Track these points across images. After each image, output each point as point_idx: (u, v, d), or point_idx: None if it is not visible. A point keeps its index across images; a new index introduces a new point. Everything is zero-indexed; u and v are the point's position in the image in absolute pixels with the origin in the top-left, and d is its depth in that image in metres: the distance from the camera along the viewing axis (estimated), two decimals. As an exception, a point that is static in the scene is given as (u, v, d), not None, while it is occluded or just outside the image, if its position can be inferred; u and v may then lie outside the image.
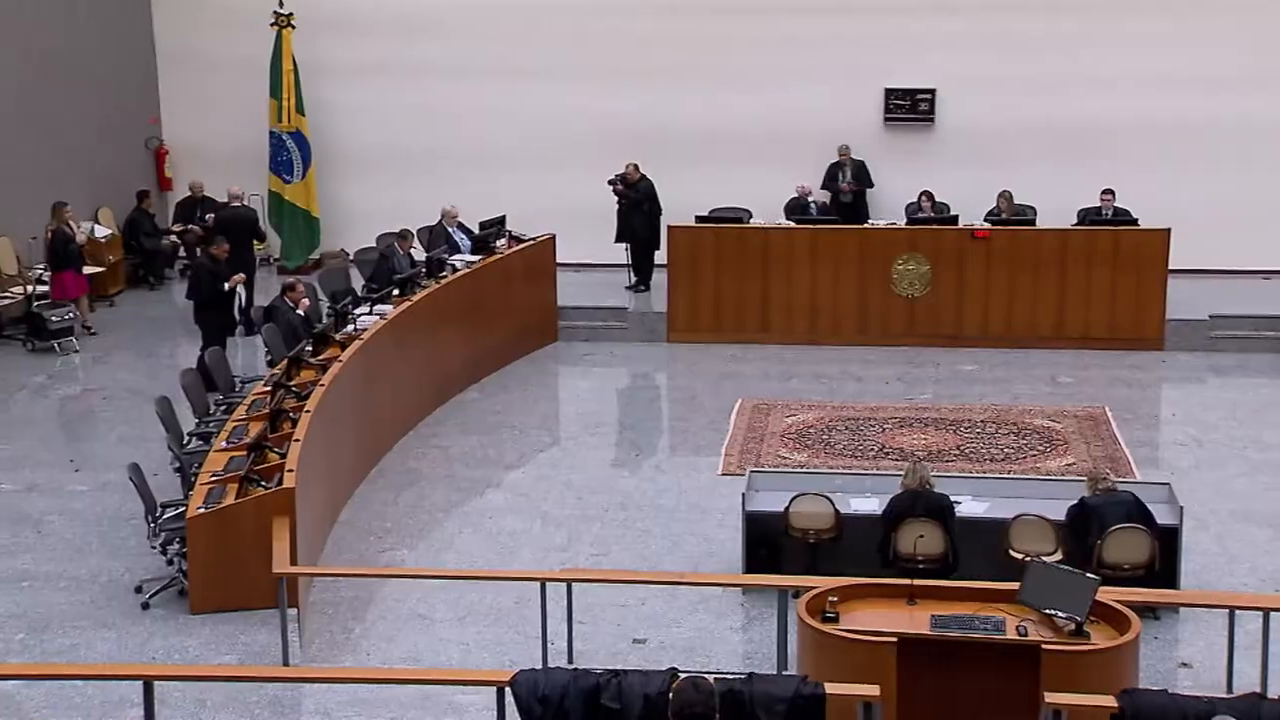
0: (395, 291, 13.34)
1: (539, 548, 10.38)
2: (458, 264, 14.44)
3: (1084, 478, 9.48)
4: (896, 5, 16.48)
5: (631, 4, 17.07)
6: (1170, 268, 14.48)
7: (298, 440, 9.79)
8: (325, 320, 12.83)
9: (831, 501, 9.50)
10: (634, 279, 16.31)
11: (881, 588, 7.94)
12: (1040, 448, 12.06)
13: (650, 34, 16.97)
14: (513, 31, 17.30)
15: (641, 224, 16.10)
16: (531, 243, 15.36)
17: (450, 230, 15.32)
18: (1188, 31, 15.96)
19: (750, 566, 9.56)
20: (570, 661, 8.40)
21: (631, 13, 17.03)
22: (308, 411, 10.30)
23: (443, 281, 13.87)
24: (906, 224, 15.35)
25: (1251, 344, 14.47)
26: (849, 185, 16.41)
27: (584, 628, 8.91)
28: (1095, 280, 14.59)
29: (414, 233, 15.05)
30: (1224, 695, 6.85)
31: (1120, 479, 9.92)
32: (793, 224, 15.54)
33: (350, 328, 12.39)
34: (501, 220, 15.41)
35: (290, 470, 9.38)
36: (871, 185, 16.56)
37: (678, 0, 16.95)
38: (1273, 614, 8.07)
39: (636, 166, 16.11)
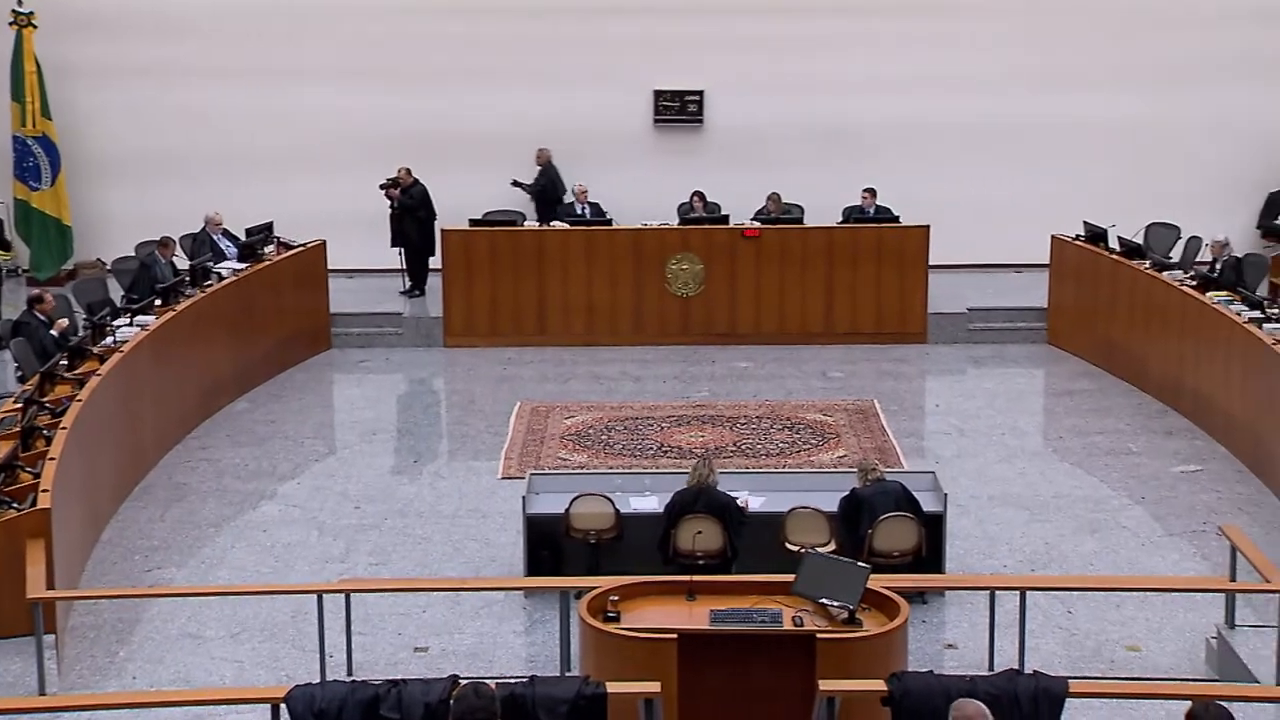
0: (157, 301, 12.85)
1: (316, 559, 10.15)
2: (224, 272, 14.00)
3: (854, 469, 9.74)
4: (664, 7, 16.67)
5: (401, 5, 16.83)
6: (930, 263, 15.02)
7: (53, 459, 9.33)
8: (81, 333, 12.25)
9: (612, 501, 9.55)
10: (409, 284, 16.09)
11: (662, 585, 8.01)
12: (813, 441, 12.37)
13: (421, 36, 16.76)
14: (278, 32, 16.84)
15: (415, 228, 15.90)
16: (301, 249, 15.01)
17: (215, 237, 14.83)
18: (943, 34, 16.57)
19: (532, 569, 9.54)
20: (350, 674, 8.24)
21: (402, 14, 16.78)
22: (64, 428, 9.82)
23: (208, 290, 13.43)
24: (679, 224, 15.55)
25: (1007, 335, 15.12)
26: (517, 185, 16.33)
27: (364, 638, 8.75)
28: (861, 276, 15.04)
29: (176, 240, 14.52)
30: (985, 673, 7.13)
31: (888, 469, 10.26)
32: (566, 225, 15.58)
33: (109, 340, 11.87)
34: (269, 226, 15.00)
35: (45, 490, 8.93)
36: (565, 190, 16.56)
37: (448, 2, 16.79)
38: (1029, 593, 8.48)
39: (409, 170, 15.90)
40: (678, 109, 16.95)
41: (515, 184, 16.16)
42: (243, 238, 14.80)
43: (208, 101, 16.81)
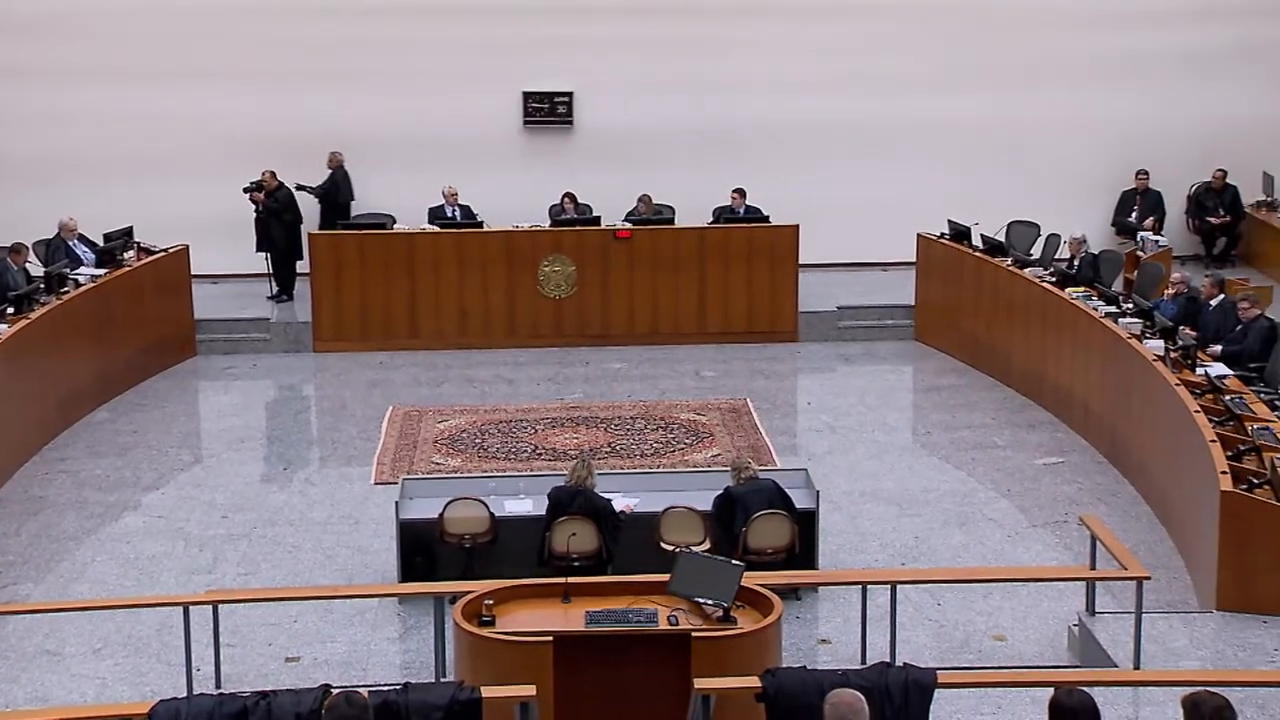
0: (10, 309, 12.45)
1: (182, 571, 9.91)
2: (81, 278, 13.61)
3: (728, 468, 9.80)
4: (533, 8, 16.62)
5: (265, 6, 16.52)
6: (800, 262, 15.19)
7: (-100, 474, 8.98)
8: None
9: (486, 505, 9.48)
10: (276, 289, 15.82)
11: (537, 588, 7.97)
12: (687, 441, 12.42)
13: (286, 38, 16.46)
14: (134, 32, 16.39)
15: (281, 233, 15.64)
16: (163, 254, 14.67)
17: (70, 243, 14.41)
18: (811, 37, 16.76)
19: (406, 575, 9.43)
20: (218, 687, 8.06)
21: (266, 15, 16.47)
22: (-88, 442, 9.47)
23: (65, 297, 13.05)
24: (551, 226, 15.51)
25: (876, 333, 15.36)
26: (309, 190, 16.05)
27: (232, 650, 8.57)
28: (732, 276, 15.16)
29: (28, 246, 14.07)
30: (857, 666, 7.22)
31: (762, 467, 10.34)
32: (437, 228, 15.44)
33: (-40, 349, 11.47)
34: (128, 231, 14.63)
35: (-108, 507, 8.59)
36: (353, 197, 16.38)
37: (314, 3, 16.52)
38: (900, 586, 8.61)
39: (274, 174, 15.63)
40: (547, 110, 16.90)
41: (300, 187, 15.76)
42: (100, 243, 14.41)
43: (62, 104, 16.32)
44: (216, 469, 11.89)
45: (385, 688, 6.63)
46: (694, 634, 7.40)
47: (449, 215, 15.94)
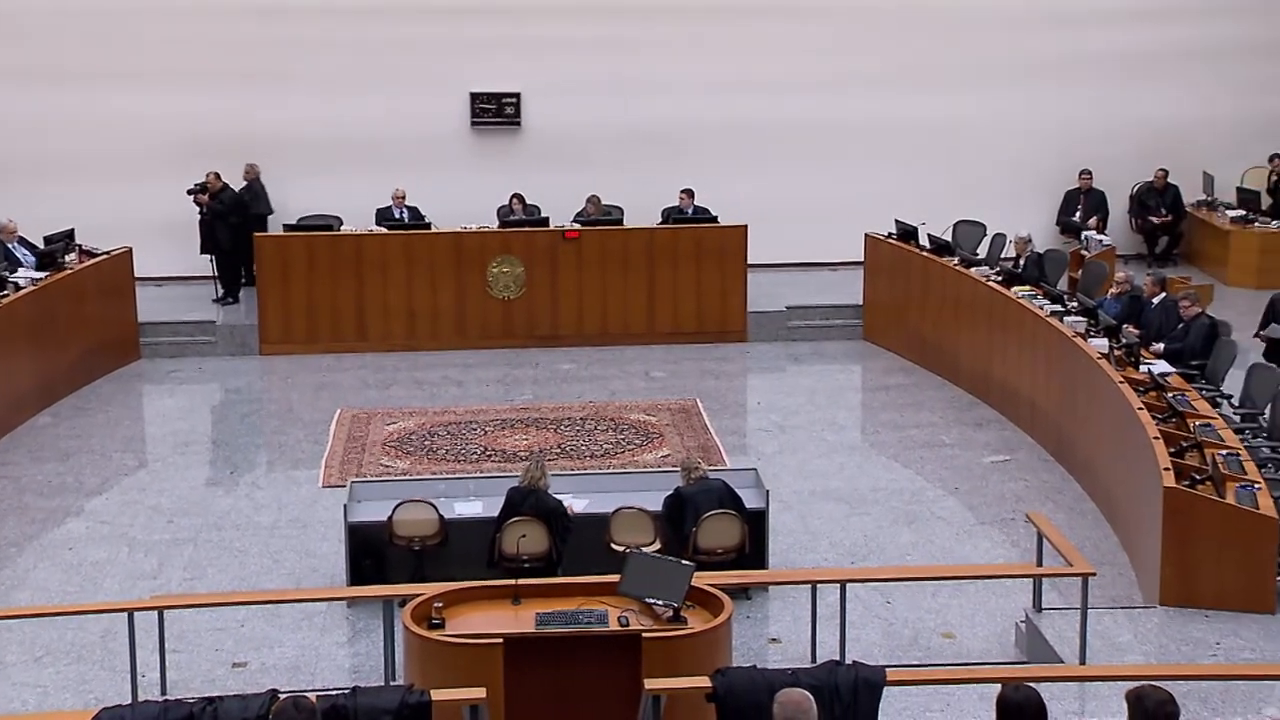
0: (-50, 312, 12.27)
1: (126, 576, 9.80)
2: (21, 281, 13.42)
3: (678, 468, 9.80)
4: (481, 8, 16.56)
5: (211, 7, 16.36)
6: (749, 263, 15.23)
7: None
8: None
9: (435, 507, 9.43)
10: (221, 291, 15.67)
11: (487, 590, 7.94)
12: (637, 441, 12.42)
13: (233, 39, 16.31)
14: (75, 31, 16.19)
15: (226, 235, 15.50)
16: (105, 256, 14.50)
17: (10, 245, 14.21)
18: (758, 37, 16.80)
19: (355, 579, 9.37)
20: (163, 693, 7.97)
21: (211, 16, 16.31)
22: None
23: (4, 300, 12.88)
24: (499, 227, 15.46)
25: (824, 332, 15.41)
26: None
27: (178, 656, 8.49)
28: (681, 277, 15.17)
29: (-32, 249, 13.89)
30: (807, 665, 7.24)
31: (712, 467, 10.34)
32: (385, 230, 15.35)
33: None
34: (70, 234, 14.44)
35: None
36: (270, 210, 16.14)
37: (259, 4, 16.38)
38: (849, 585, 8.64)
39: (218, 175, 15.49)
40: (495, 111, 16.85)
41: (191, 193, 15.52)
42: (41, 246, 14.23)
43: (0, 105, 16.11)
44: (161, 473, 11.76)
45: (334, 692, 6.59)
46: (644, 634, 7.39)
47: (397, 217, 15.86)
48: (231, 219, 15.49)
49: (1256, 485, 9.12)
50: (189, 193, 15.32)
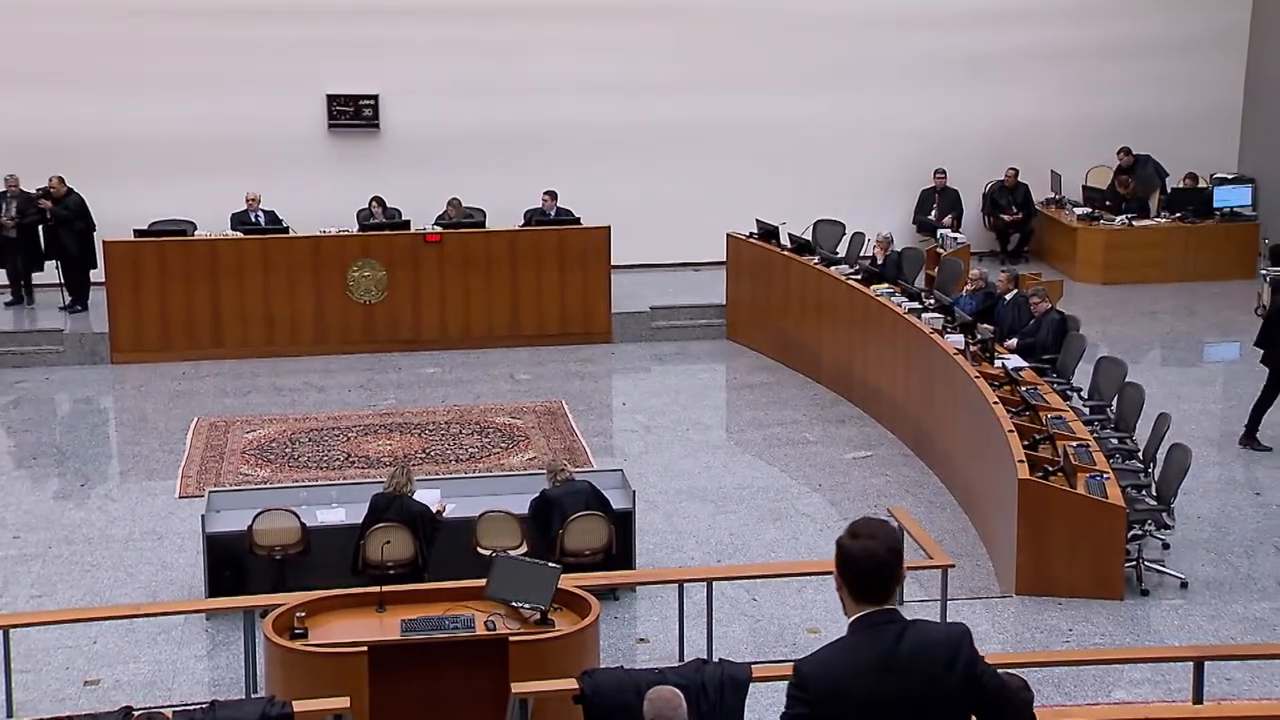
0: None
1: (-30, 596, 9.44)
2: None
3: (544, 470, 9.76)
4: (336, 9, 16.32)
5: (55, 5, 15.84)
6: (613, 264, 15.24)
7: None
8: None
9: (297, 515, 9.26)
10: (68, 299, 15.19)
11: (351, 598, 7.83)
12: (503, 444, 12.34)
13: (75, 38, 15.83)
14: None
15: (73, 241, 15.03)
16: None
17: None
18: (618, 39, 16.83)
19: (214, 590, 9.16)
20: (9, 716, 7.69)
21: (54, 14, 15.81)
22: None
23: None
24: (359, 230, 15.25)
25: (689, 332, 15.50)
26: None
27: (26, 676, 8.20)
28: (545, 279, 15.12)
29: None
30: (674, 664, 7.26)
31: (578, 469, 10.33)
32: (240, 234, 15.04)
33: None
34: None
35: None
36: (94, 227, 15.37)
37: (105, 4, 15.91)
38: (716, 583, 8.69)
39: (62, 180, 15.02)
40: (352, 113, 16.61)
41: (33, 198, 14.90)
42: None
43: None
44: (7, 487, 11.37)
45: (191, 707, 6.43)
46: (511, 638, 7.35)
47: (253, 221, 15.54)
48: (77, 224, 15.04)
49: (1105, 475, 9.40)
50: (31, 199, 14.82)
